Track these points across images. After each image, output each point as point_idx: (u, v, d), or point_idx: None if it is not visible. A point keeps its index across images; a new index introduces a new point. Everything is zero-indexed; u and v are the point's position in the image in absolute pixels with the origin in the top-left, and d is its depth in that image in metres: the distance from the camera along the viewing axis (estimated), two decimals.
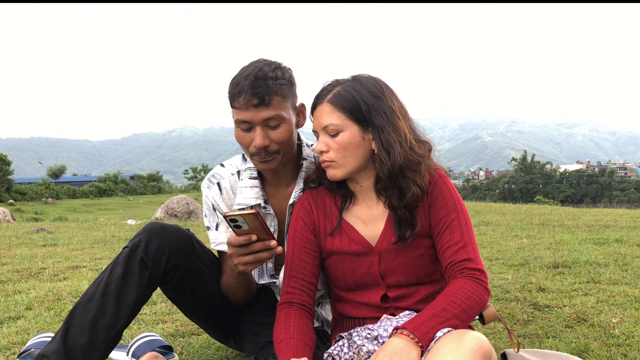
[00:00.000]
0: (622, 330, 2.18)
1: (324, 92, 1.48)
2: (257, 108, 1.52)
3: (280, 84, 1.55)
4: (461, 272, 1.40)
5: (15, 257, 4.84)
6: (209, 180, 1.80)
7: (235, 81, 1.55)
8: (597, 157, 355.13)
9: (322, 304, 1.84)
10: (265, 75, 1.52)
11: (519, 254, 4.22)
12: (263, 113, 1.53)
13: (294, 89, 1.63)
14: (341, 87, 1.46)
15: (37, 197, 45.05)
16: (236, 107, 1.55)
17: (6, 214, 12.96)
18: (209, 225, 1.80)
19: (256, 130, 1.56)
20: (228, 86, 1.60)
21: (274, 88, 1.53)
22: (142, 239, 1.56)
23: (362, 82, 1.46)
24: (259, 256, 1.40)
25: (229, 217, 1.32)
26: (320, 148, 1.46)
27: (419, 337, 1.23)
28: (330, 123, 1.44)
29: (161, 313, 2.73)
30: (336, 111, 1.44)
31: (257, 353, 1.66)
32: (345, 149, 1.44)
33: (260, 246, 1.39)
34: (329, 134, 1.45)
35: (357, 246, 1.51)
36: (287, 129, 1.59)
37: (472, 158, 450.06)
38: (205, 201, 1.80)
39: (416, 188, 1.44)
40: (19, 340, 2.26)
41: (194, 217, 12.20)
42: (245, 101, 1.52)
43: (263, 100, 1.52)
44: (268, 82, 1.52)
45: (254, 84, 1.51)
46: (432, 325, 1.26)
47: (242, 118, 1.55)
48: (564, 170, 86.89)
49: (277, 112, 1.54)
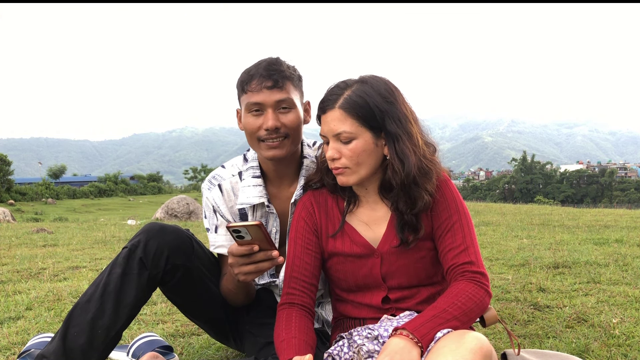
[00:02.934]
0: (622, 330, 2.18)
1: (334, 95, 1.43)
2: (271, 90, 1.57)
3: (291, 73, 1.61)
4: (462, 274, 1.39)
5: (16, 258, 4.84)
6: (209, 182, 1.79)
7: (248, 69, 1.61)
8: (597, 157, 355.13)
9: (322, 304, 1.83)
10: (279, 62, 1.60)
11: (519, 254, 4.22)
12: (276, 95, 1.57)
13: (302, 85, 1.69)
14: (352, 92, 1.41)
15: (37, 198, 45.06)
16: (248, 91, 1.59)
17: (6, 214, 12.96)
18: (209, 228, 1.80)
19: (268, 113, 1.59)
20: (239, 78, 1.63)
21: (287, 73, 1.59)
22: (141, 239, 1.56)
23: (372, 86, 1.42)
24: (260, 266, 1.40)
25: (232, 228, 1.33)
26: (332, 155, 1.42)
27: (418, 338, 1.23)
28: (344, 130, 1.39)
29: (161, 313, 2.73)
30: (349, 118, 1.39)
31: (257, 353, 1.66)
32: (358, 156, 1.41)
33: (262, 256, 1.39)
34: (340, 141, 1.41)
35: (358, 248, 1.51)
36: (297, 115, 1.62)
37: (472, 158, 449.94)
38: (206, 203, 1.79)
39: (428, 196, 1.44)
40: (19, 341, 2.26)
41: (194, 218, 12.20)
42: (259, 83, 1.57)
43: (277, 83, 1.57)
44: (282, 67, 1.58)
45: (268, 67, 1.57)
46: (432, 326, 1.26)
47: (255, 100, 1.58)
48: (564, 171, 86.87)
49: (289, 95, 1.59)
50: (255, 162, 1.75)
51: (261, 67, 1.58)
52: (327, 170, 1.54)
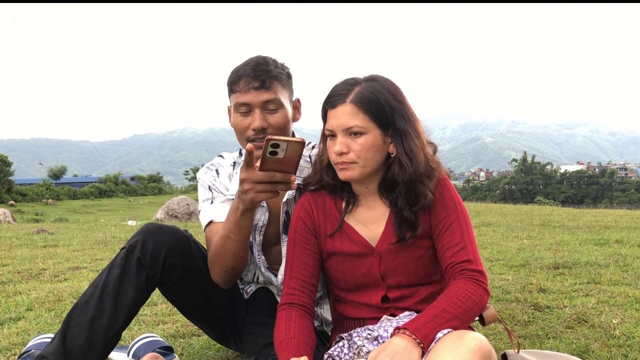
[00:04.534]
0: (622, 331, 2.18)
1: (344, 91, 1.43)
2: (258, 90, 1.59)
3: (280, 72, 1.62)
4: (461, 273, 1.40)
5: (16, 258, 4.84)
6: (207, 167, 1.84)
7: (236, 69, 1.63)
8: (597, 158, 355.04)
9: (320, 304, 1.84)
10: (266, 61, 1.61)
11: (519, 255, 4.22)
12: (263, 95, 1.59)
13: (291, 83, 1.70)
14: (362, 88, 1.42)
15: (37, 198, 45.09)
16: (236, 91, 1.61)
17: (7, 215, 12.96)
18: (204, 201, 1.78)
19: (255, 113, 1.61)
20: (228, 77, 1.65)
21: (274, 73, 1.60)
22: (138, 239, 1.56)
23: (381, 84, 1.44)
24: (276, 187, 1.40)
25: (273, 141, 1.30)
26: (341, 149, 1.42)
27: (420, 338, 1.23)
28: (356, 124, 1.40)
29: (162, 314, 2.73)
30: (360, 113, 1.40)
31: (257, 354, 1.65)
32: (367, 151, 1.42)
33: (281, 177, 1.38)
34: (350, 136, 1.42)
35: (357, 247, 1.51)
36: (284, 114, 1.64)
37: (472, 159, 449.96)
38: (202, 185, 1.81)
39: (430, 194, 1.45)
40: (19, 341, 2.26)
41: (194, 218, 12.20)
42: (246, 84, 1.59)
43: (264, 83, 1.59)
44: (269, 67, 1.60)
45: (255, 67, 1.59)
46: (433, 327, 1.26)
47: (242, 100, 1.60)
48: (564, 171, 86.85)
49: (276, 96, 1.61)
50: None
51: (249, 68, 1.60)
52: (326, 168, 1.54)
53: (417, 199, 1.45)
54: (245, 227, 1.54)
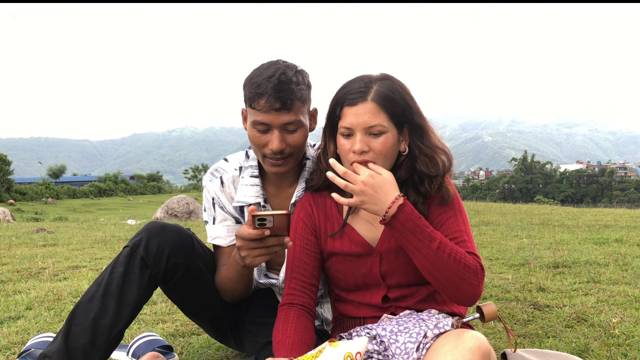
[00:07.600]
0: (622, 330, 2.19)
1: (363, 88, 1.41)
2: (279, 112, 1.52)
3: (301, 89, 1.55)
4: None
5: (16, 257, 4.84)
6: (211, 174, 1.80)
7: (257, 82, 1.53)
8: (597, 157, 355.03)
9: (321, 303, 1.84)
10: (289, 80, 1.51)
11: (519, 254, 4.22)
12: (284, 117, 1.53)
13: (310, 93, 1.63)
14: (380, 86, 1.41)
15: (37, 197, 45.05)
16: (256, 109, 1.54)
17: (6, 214, 12.96)
18: (207, 220, 1.80)
19: (274, 134, 1.55)
20: (246, 85, 1.57)
21: (297, 94, 1.53)
22: (142, 238, 1.56)
23: (396, 82, 1.45)
24: (271, 250, 1.41)
25: (258, 217, 1.32)
26: (362, 148, 1.40)
27: (405, 202, 1.34)
28: (378, 124, 1.39)
29: (161, 313, 2.73)
30: (382, 112, 1.40)
31: (257, 353, 1.66)
32: (387, 150, 1.42)
33: (275, 241, 1.39)
34: (371, 135, 1.41)
35: (357, 247, 1.51)
36: (303, 133, 1.60)
37: (472, 158, 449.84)
38: (206, 195, 1.80)
39: (448, 187, 1.48)
40: (19, 340, 2.26)
41: (194, 217, 12.19)
42: (268, 104, 1.51)
43: (285, 105, 1.51)
44: (292, 87, 1.51)
45: (277, 87, 1.50)
46: (423, 223, 1.34)
47: (262, 120, 1.54)
48: (564, 170, 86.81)
49: (297, 117, 1.55)
50: (255, 161, 1.76)
51: (270, 86, 1.50)
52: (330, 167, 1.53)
53: (439, 191, 1.47)
54: (247, 274, 1.61)
